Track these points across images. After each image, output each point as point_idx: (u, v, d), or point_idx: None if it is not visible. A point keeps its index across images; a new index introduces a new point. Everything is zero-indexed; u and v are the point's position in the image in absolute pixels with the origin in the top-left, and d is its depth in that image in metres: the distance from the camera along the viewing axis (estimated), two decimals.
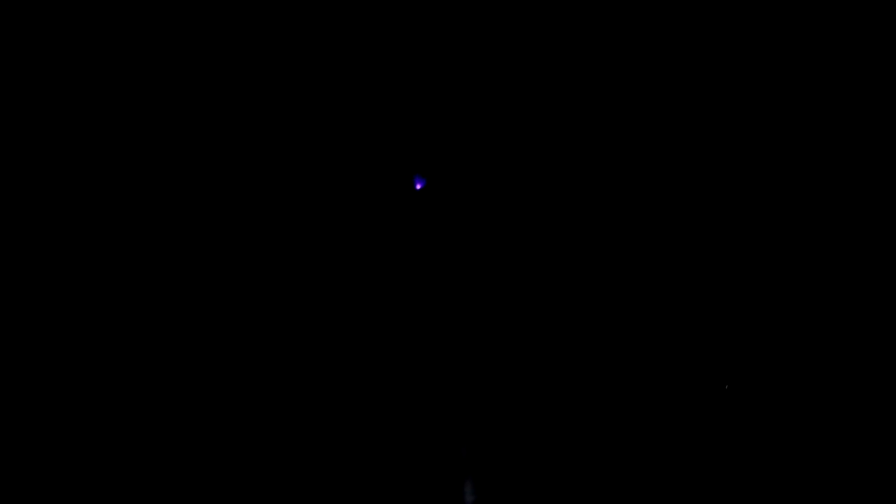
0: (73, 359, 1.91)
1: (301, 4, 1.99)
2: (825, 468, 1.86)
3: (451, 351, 1.97)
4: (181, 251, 1.97)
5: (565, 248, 2.00)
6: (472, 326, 1.98)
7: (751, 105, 2.01)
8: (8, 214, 1.93)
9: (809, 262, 1.96)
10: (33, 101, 1.96)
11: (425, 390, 1.95)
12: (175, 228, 1.97)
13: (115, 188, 1.97)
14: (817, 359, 1.92)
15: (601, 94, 2.03)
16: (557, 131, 2.03)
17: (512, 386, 1.96)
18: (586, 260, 2.00)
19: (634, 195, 2.01)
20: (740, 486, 1.88)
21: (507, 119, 2.03)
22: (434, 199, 1.99)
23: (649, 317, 1.97)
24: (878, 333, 1.90)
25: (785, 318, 1.95)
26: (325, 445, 1.90)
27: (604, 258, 2.00)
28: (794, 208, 1.98)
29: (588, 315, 1.98)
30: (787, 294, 1.96)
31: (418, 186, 1.94)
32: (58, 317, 1.92)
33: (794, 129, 1.99)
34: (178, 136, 1.99)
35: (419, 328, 1.97)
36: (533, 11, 2.02)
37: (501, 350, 1.97)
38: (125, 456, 1.88)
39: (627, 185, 2.02)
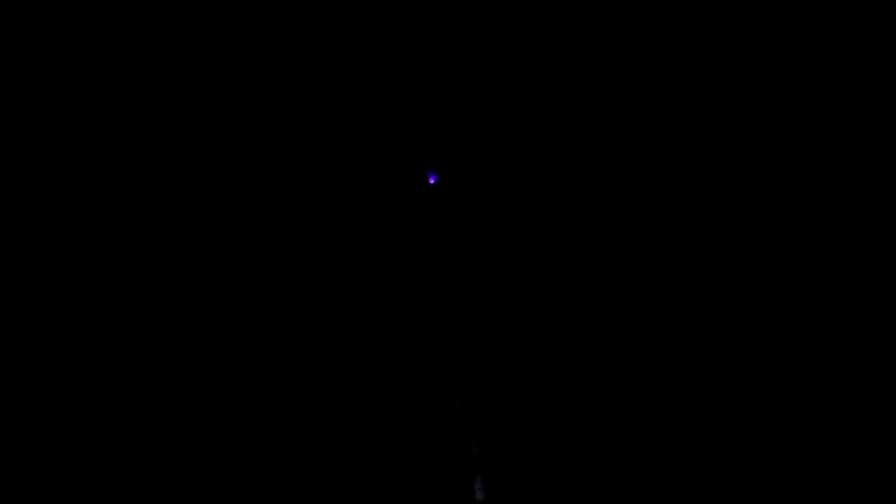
0: (73, 359, 1.89)
1: (309, 4, 2.00)
2: (825, 468, 1.87)
3: (461, 349, 1.96)
4: (185, 251, 1.95)
5: (579, 243, 2.01)
6: (483, 324, 1.98)
7: (751, 105, 2.04)
8: (8, 214, 1.92)
9: (809, 262, 1.99)
10: (33, 102, 1.95)
11: (435, 388, 1.94)
12: (182, 228, 1.96)
13: (115, 188, 1.96)
14: (817, 359, 1.94)
15: (607, 93, 2.05)
16: (565, 128, 2.05)
17: (521, 384, 1.95)
18: (597, 256, 2.00)
19: (638, 195, 2.03)
20: (742, 486, 1.88)
21: (517, 115, 2.04)
22: (446, 195, 2.00)
23: (654, 313, 1.98)
24: (878, 333, 1.93)
25: (785, 318, 1.97)
26: (335, 444, 1.89)
27: (614, 254, 2.01)
28: (794, 208, 2.00)
29: (595, 313, 1.98)
30: (787, 294, 1.98)
31: (431, 181, 1.95)
32: (58, 317, 1.90)
33: (794, 129, 2.03)
34: (193, 136, 1.98)
35: (430, 325, 1.97)
36: (537, 11, 2.04)
37: (511, 348, 1.97)
38: (125, 456, 1.85)
39: (630, 186, 2.03)
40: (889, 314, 1.93)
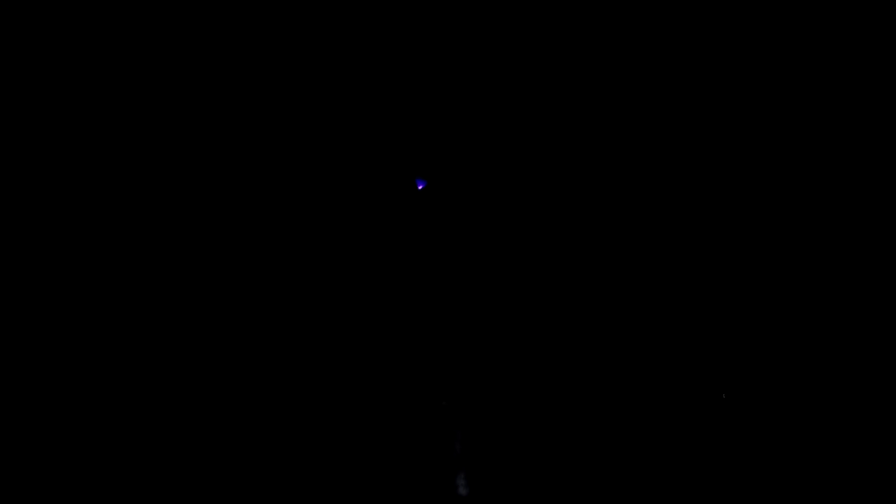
0: (73, 359, 1.93)
1: (301, 4, 2.00)
2: (825, 468, 1.88)
3: (444, 346, 1.99)
4: (181, 251, 1.98)
5: (559, 246, 2.02)
6: (464, 322, 2.00)
7: (751, 105, 2.01)
8: (8, 214, 1.96)
9: (809, 262, 1.97)
10: (33, 102, 1.98)
11: (418, 385, 1.97)
12: (175, 228, 1.99)
13: (115, 188, 1.98)
14: (817, 359, 1.93)
15: (601, 94, 2.03)
16: (557, 131, 2.04)
17: (504, 380, 1.98)
18: (576, 257, 2.01)
19: (634, 195, 2.02)
20: (726, 484, 1.90)
21: (507, 119, 2.04)
22: (435, 201, 2.01)
23: (635, 312, 1.99)
24: (878, 333, 1.91)
25: (785, 318, 1.96)
26: (319, 440, 1.93)
27: (597, 257, 2.01)
28: (793, 208, 1.98)
29: (577, 310, 1.99)
30: (787, 294, 1.96)
31: (420, 187, 1.96)
32: (58, 317, 1.94)
33: (794, 129, 1.99)
34: (178, 136, 2.01)
35: (412, 324, 1.99)
36: (533, 11, 2.02)
37: (493, 345, 1.99)
38: (125, 456, 1.89)
39: (627, 185, 2.02)
40: (889, 314, 1.91)
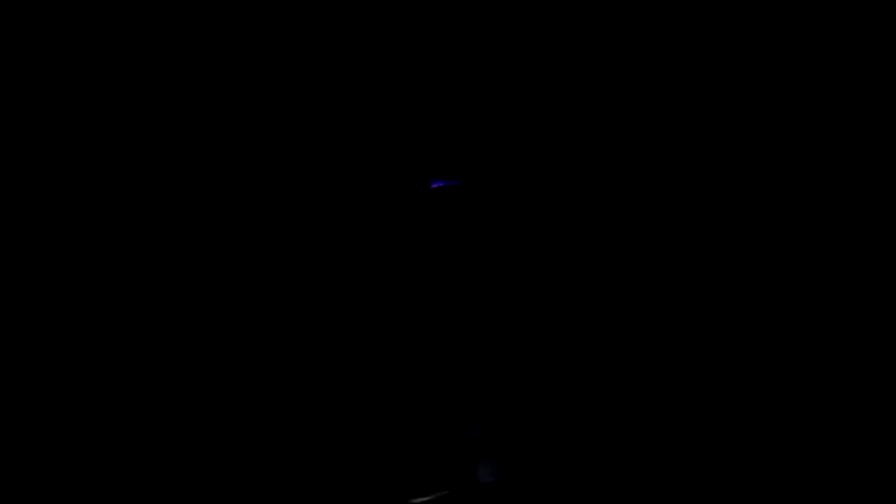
0: (73, 359, 1.91)
1: (312, 4, 1.98)
2: (825, 468, 1.91)
3: (465, 334, 2.02)
4: (182, 251, 1.97)
5: (576, 245, 2.04)
6: (485, 312, 2.03)
7: (751, 105, 2.04)
8: (8, 214, 1.92)
9: (809, 263, 2.02)
10: (33, 102, 1.93)
11: (439, 373, 2.00)
12: (179, 228, 1.97)
13: (115, 188, 1.96)
14: (817, 359, 1.98)
15: (604, 95, 2.04)
16: (564, 132, 2.05)
17: (524, 368, 2.01)
18: (592, 254, 2.03)
19: (636, 196, 2.05)
20: (739, 483, 1.95)
21: (516, 120, 2.04)
22: (445, 200, 2.02)
23: (651, 306, 2.02)
24: (878, 333, 1.96)
25: (785, 318, 2.00)
26: (345, 431, 1.94)
27: (613, 254, 2.03)
28: (793, 208, 2.03)
29: (595, 303, 2.03)
30: (786, 294, 2.01)
31: (434, 185, 1.97)
32: (58, 317, 1.91)
33: (794, 129, 2.03)
34: (185, 138, 1.98)
35: (433, 314, 2.02)
36: (535, 12, 2.02)
37: (514, 333, 2.02)
38: (125, 456, 1.88)
39: (630, 187, 2.05)
40: (889, 314, 1.96)
